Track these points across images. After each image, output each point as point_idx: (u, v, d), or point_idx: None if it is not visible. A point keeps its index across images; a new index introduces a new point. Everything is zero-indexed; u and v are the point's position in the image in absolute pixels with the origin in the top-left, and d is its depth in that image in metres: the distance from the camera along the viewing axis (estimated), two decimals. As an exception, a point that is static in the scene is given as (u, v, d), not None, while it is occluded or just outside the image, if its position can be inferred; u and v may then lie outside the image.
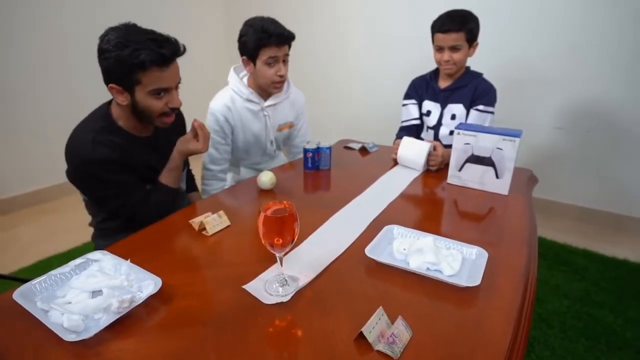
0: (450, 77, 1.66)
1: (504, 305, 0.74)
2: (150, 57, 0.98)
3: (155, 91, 1.03)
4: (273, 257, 0.86)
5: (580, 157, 2.40)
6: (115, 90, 1.03)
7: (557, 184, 2.50)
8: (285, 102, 1.61)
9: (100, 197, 1.11)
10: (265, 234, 0.72)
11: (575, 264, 2.01)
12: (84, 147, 1.02)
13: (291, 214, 0.72)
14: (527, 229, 1.04)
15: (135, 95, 1.03)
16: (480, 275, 0.78)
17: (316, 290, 0.78)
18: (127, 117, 1.10)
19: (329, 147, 1.46)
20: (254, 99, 1.52)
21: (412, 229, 0.96)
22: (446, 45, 1.54)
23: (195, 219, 1.03)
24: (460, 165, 1.31)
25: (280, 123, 1.62)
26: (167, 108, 1.07)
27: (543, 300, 1.73)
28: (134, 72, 0.99)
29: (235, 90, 1.52)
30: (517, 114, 2.47)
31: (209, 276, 0.84)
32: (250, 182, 1.36)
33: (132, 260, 0.81)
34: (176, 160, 1.20)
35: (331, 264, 0.87)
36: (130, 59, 0.97)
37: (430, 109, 1.71)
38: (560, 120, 2.40)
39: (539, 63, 2.37)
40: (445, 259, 0.84)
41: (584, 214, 2.46)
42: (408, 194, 1.27)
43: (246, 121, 1.53)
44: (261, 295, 0.76)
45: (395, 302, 0.74)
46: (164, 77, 1.03)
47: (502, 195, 1.25)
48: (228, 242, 0.97)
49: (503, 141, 1.21)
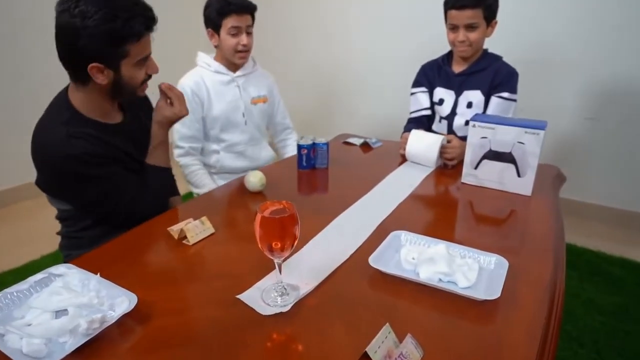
0: (466, 61, 1.67)
1: (527, 322, 0.74)
2: (145, 25, 1.02)
3: (142, 60, 1.08)
4: (263, 270, 0.88)
5: (614, 152, 2.43)
6: (97, 69, 1.03)
7: (588, 183, 2.52)
8: (254, 74, 1.81)
9: (90, 199, 1.10)
10: (262, 237, 0.73)
11: (610, 274, 2.03)
12: (58, 144, 1.02)
13: (291, 215, 0.73)
14: (553, 234, 1.05)
15: (121, 70, 1.05)
16: (499, 287, 0.79)
17: (315, 303, 0.79)
18: (93, 103, 1.10)
19: (326, 143, 1.47)
20: (223, 71, 1.73)
21: (422, 235, 0.97)
22: (461, 24, 1.56)
23: (174, 226, 1.03)
24: (476, 162, 1.32)
25: (253, 96, 1.79)
26: (146, 75, 1.12)
27: (573, 315, 1.74)
28: (124, 45, 1.01)
29: (203, 65, 1.73)
30: (540, 102, 2.48)
31: (191, 291, 0.84)
32: (236, 184, 1.37)
33: (102, 274, 0.82)
34: (158, 135, 1.23)
35: (330, 276, 0.88)
36: (124, 31, 0.99)
37: (443, 96, 1.72)
38: (591, 109, 2.43)
39: (565, 43, 2.39)
40: (460, 268, 0.85)
41: (620, 216, 2.48)
42: (418, 195, 1.28)
43: (219, 92, 1.71)
44: (258, 306, 0.78)
45: (404, 318, 0.75)
46: (150, 43, 1.09)
47: (525, 196, 1.27)
48: (212, 252, 0.98)
49: (525, 134, 1.22)
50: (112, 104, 1.15)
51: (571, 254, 2.16)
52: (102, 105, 1.12)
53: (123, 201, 1.12)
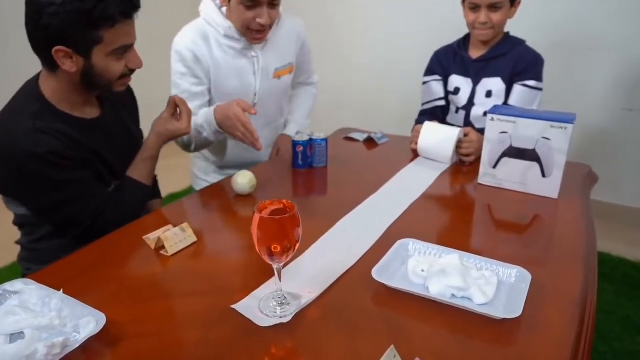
0: (485, 45, 1.67)
1: (554, 343, 0.74)
2: (121, 9, 1.00)
3: (118, 50, 1.06)
4: (253, 282, 0.87)
5: (655, 149, 2.42)
6: (63, 53, 1.03)
7: (624, 183, 2.52)
8: (280, 34, 1.55)
9: (48, 205, 1.10)
10: (261, 240, 0.75)
11: (650, 287, 2.02)
12: (22, 139, 1.01)
13: (293, 216, 0.74)
14: (583, 242, 1.04)
15: (92, 58, 1.04)
16: (521, 304, 0.78)
17: (311, 319, 0.79)
18: (65, 93, 1.10)
19: (325, 139, 1.47)
20: (235, 35, 1.46)
21: (432, 244, 0.97)
22: (484, 4, 1.56)
23: (150, 234, 1.03)
24: (495, 160, 1.32)
25: (276, 67, 1.56)
26: (126, 69, 1.11)
27: (608, 335, 1.74)
28: (96, 29, 1.01)
29: (210, 21, 1.47)
30: (568, 91, 2.48)
31: (169, 309, 0.83)
32: (222, 186, 1.36)
33: (65, 290, 0.81)
34: (151, 148, 1.24)
35: (328, 289, 0.87)
36: (95, 13, 0.98)
37: (460, 85, 1.73)
38: (628, 99, 2.42)
39: (596, 23, 2.38)
40: (476, 282, 0.84)
41: (661, 222, 2.48)
42: (429, 197, 1.28)
43: (228, 61, 1.48)
44: (255, 317, 0.79)
45: (411, 339, 0.75)
46: (130, 32, 1.06)
47: (551, 198, 1.26)
48: (194, 263, 0.98)
49: (551, 129, 1.21)
50: (86, 96, 1.14)
51: (605, 265, 2.16)
52: (74, 97, 1.12)
53: (86, 211, 1.12)
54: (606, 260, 2.21)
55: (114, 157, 1.20)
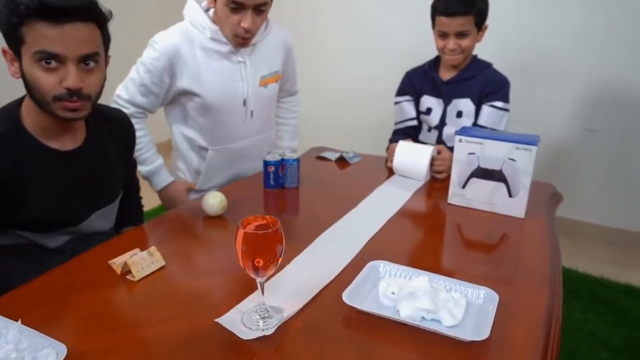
0: (454, 67, 1.72)
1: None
2: (30, 2, 0.90)
3: (40, 55, 0.94)
4: (223, 310, 0.86)
5: (617, 167, 2.52)
6: (8, 55, 0.99)
7: (588, 201, 2.60)
8: (267, 40, 1.54)
9: None
10: (245, 254, 0.78)
11: (616, 303, 2.07)
12: None
13: (276, 231, 0.78)
14: (549, 262, 1.07)
15: (22, 60, 0.97)
16: (489, 326, 0.79)
17: (281, 346, 0.78)
18: (34, 112, 1.03)
19: (297, 159, 1.47)
20: (222, 39, 1.45)
21: (403, 266, 0.97)
22: (452, 32, 1.61)
23: (116, 259, 1.00)
24: (463, 181, 1.35)
25: (263, 74, 1.54)
26: (62, 88, 0.96)
27: (576, 352, 1.77)
28: (16, 25, 0.93)
29: (195, 24, 1.44)
30: (532, 113, 2.57)
31: (135, 337, 0.81)
32: (191, 207, 1.35)
33: (24, 321, 0.78)
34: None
35: (296, 315, 0.87)
36: (9, 5, 0.92)
37: (431, 105, 1.77)
38: (590, 120, 2.51)
39: (560, 48, 2.48)
40: (445, 304, 0.85)
41: (625, 238, 2.56)
42: (401, 217, 1.29)
43: (212, 65, 1.46)
44: (239, 330, 0.81)
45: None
46: (53, 38, 0.93)
47: (517, 218, 1.29)
48: (163, 288, 0.96)
49: (517, 150, 1.25)
50: (53, 121, 1.03)
51: (572, 281, 2.21)
52: (44, 121, 1.03)
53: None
54: (572, 276, 2.26)
55: (77, 201, 1.12)
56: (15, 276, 0.98)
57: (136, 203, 1.44)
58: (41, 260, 1.10)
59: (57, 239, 1.14)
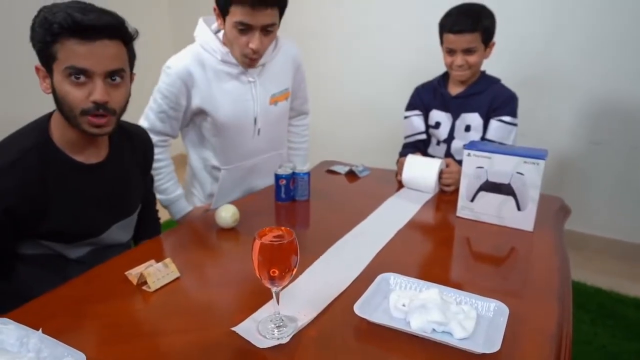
0: (463, 83, 1.75)
1: (530, 376, 0.76)
2: (63, 22, 0.95)
3: (70, 71, 0.98)
4: (237, 320, 0.87)
5: (624, 180, 2.51)
6: (41, 72, 1.03)
7: (595, 214, 2.59)
8: (276, 60, 1.56)
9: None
10: (261, 265, 0.80)
11: (626, 317, 2.06)
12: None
13: (291, 242, 0.81)
14: (558, 275, 1.08)
15: (53, 77, 1.01)
16: (500, 338, 0.80)
17: (295, 356, 0.79)
18: (62, 125, 1.07)
19: (308, 173, 1.49)
20: (232, 60, 1.48)
21: (413, 278, 0.98)
22: (459, 48, 1.64)
23: (132, 270, 1.02)
24: (472, 194, 1.36)
25: (273, 92, 1.56)
26: (89, 102, 1.00)
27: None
28: (49, 43, 0.98)
29: (206, 47, 1.47)
30: (538, 126, 2.57)
31: (152, 346, 0.83)
32: (205, 220, 1.37)
33: (44, 330, 0.80)
34: None
35: (309, 325, 0.88)
36: (44, 24, 0.97)
37: (440, 119, 1.79)
38: (596, 133, 2.52)
39: (566, 63, 2.50)
40: (456, 317, 0.86)
41: (633, 251, 2.54)
42: (411, 230, 1.30)
43: (224, 87, 1.49)
44: (254, 339, 0.82)
45: (394, 376, 0.76)
46: (83, 54, 0.98)
47: (526, 231, 1.30)
48: (178, 299, 0.97)
49: (525, 164, 1.26)
50: (80, 135, 1.06)
51: (581, 294, 2.20)
52: (68, 134, 1.07)
53: None
54: (581, 290, 2.25)
55: (98, 213, 1.15)
56: (37, 286, 1.00)
57: (153, 216, 1.47)
58: (62, 271, 1.13)
59: (78, 249, 1.16)
